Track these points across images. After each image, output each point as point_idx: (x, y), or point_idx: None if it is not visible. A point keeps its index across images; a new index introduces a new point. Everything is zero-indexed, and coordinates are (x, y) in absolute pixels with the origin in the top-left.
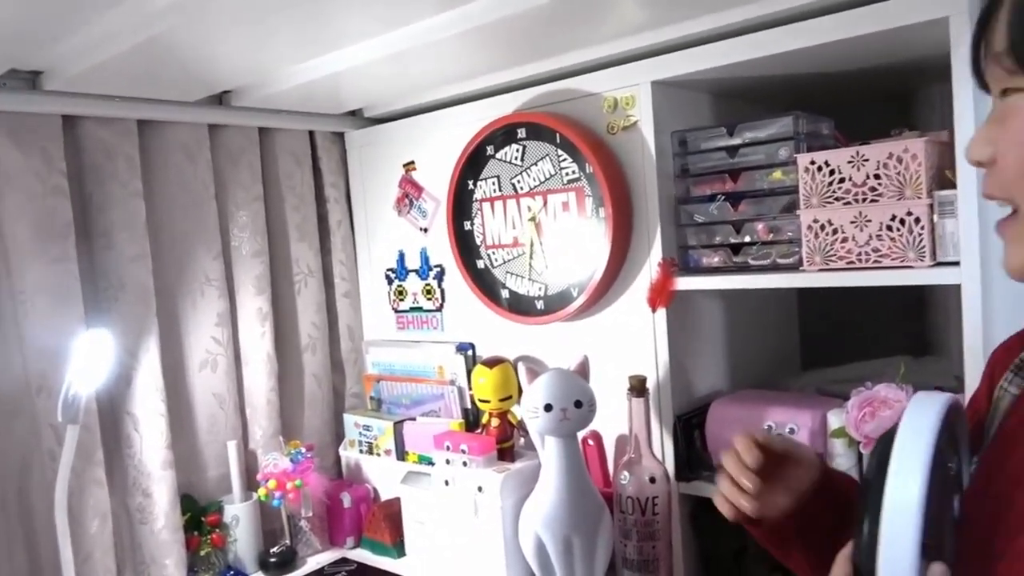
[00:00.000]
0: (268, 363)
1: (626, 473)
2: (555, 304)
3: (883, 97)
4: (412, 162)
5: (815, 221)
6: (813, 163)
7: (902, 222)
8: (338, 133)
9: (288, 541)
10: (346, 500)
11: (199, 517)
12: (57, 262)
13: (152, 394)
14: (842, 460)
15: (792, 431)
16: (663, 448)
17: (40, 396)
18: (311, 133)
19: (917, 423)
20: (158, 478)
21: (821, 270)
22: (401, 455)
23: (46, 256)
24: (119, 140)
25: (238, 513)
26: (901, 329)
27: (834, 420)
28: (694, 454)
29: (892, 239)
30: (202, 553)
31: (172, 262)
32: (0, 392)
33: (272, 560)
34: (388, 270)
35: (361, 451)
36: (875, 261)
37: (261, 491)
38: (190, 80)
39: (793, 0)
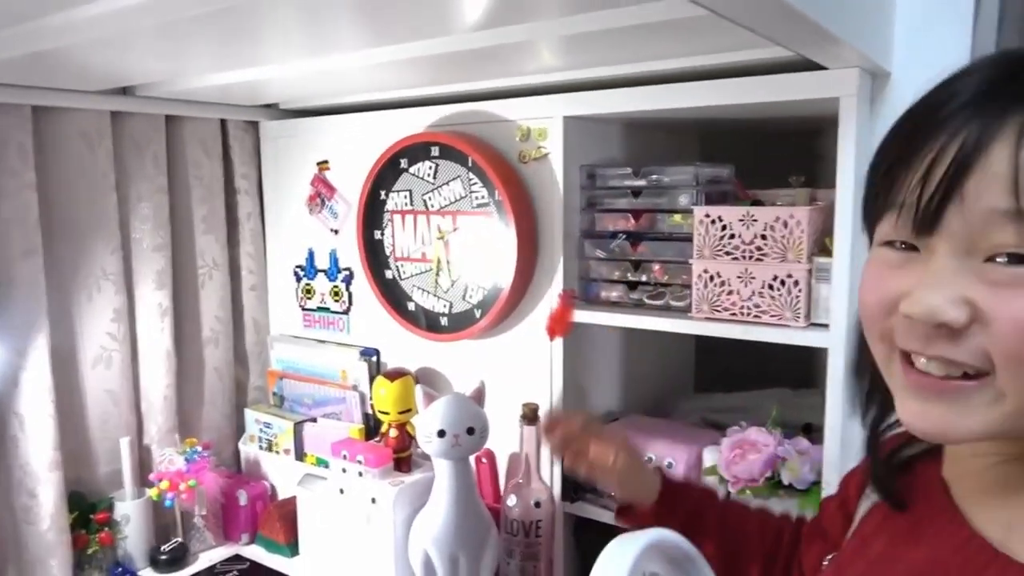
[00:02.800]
0: (166, 359)
1: (514, 496)
2: (459, 323)
3: (789, 137)
4: (326, 161)
5: (705, 271)
6: (708, 216)
7: (782, 283)
8: (252, 122)
9: (181, 538)
10: (242, 498)
11: (88, 515)
12: None
13: (40, 394)
14: None
15: (670, 465)
16: (552, 470)
17: None
18: (222, 121)
19: None
20: (44, 479)
21: (707, 319)
22: (300, 456)
23: None
24: (11, 128)
25: (128, 511)
26: (788, 358)
27: (708, 458)
28: (579, 481)
29: (772, 297)
30: (90, 551)
31: (67, 256)
32: None
33: (163, 557)
34: (297, 267)
35: (261, 447)
36: (756, 316)
37: (153, 491)
38: (92, 77)
39: (697, 60)
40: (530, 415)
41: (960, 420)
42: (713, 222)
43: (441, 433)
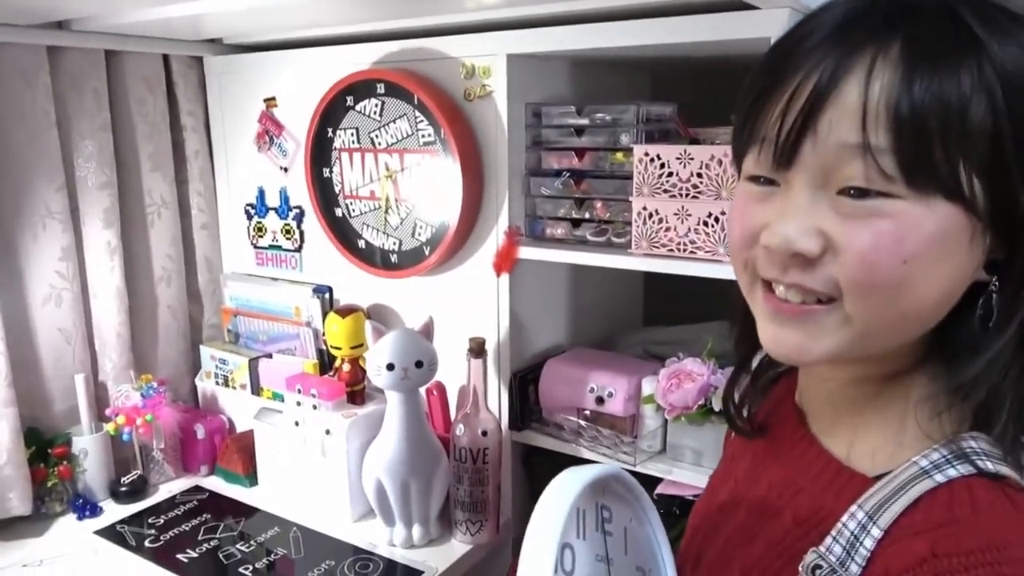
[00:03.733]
0: (118, 297)
1: (462, 426)
2: (408, 260)
3: (735, 75)
4: (273, 98)
5: (644, 208)
6: (647, 155)
7: (716, 220)
8: (196, 58)
9: (140, 470)
10: (200, 431)
11: (45, 449)
12: None
13: None
14: (650, 422)
15: (611, 394)
16: (500, 401)
17: None
18: (166, 57)
19: (542, 523)
20: None
21: (646, 255)
22: (256, 391)
23: None
24: None
25: (87, 446)
26: (727, 293)
27: (647, 387)
28: (528, 407)
29: (707, 234)
30: (49, 484)
31: (9, 195)
32: None
33: (123, 489)
34: (248, 205)
35: (217, 383)
36: (691, 252)
37: (110, 426)
38: (23, 9)
39: None
40: (476, 348)
41: (812, 343)
42: (652, 160)
43: (390, 366)
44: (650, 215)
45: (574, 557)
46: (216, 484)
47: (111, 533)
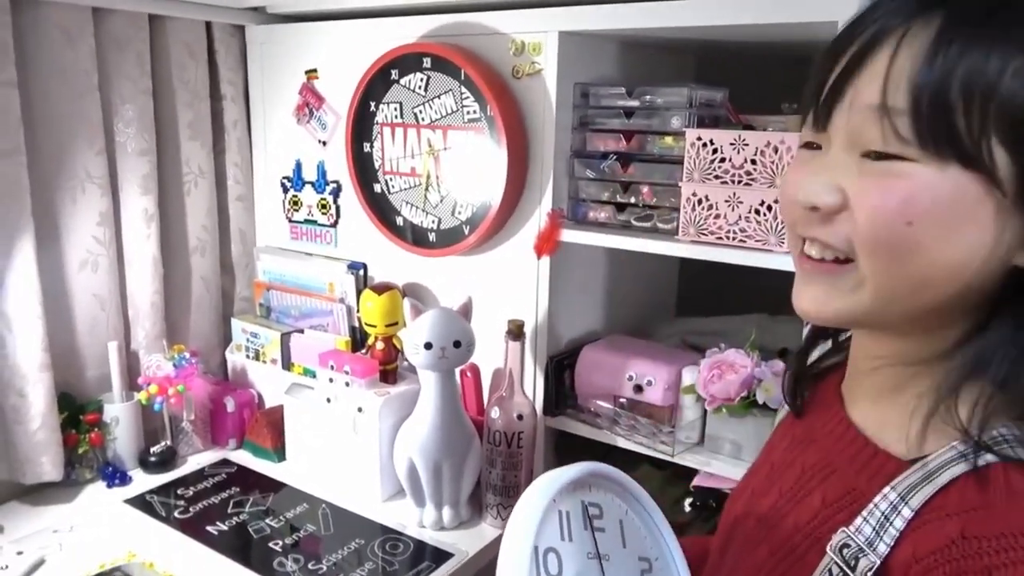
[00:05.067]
0: (153, 265)
1: (497, 409)
2: (447, 239)
3: (789, 64)
4: (315, 70)
5: (694, 194)
6: (699, 139)
7: (769, 208)
8: (238, 26)
9: (169, 441)
10: (230, 404)
11: (77, 415)
12: None
13: (28, 295)
14: (689, 413)
15: (650, 383)
16: (535, 385)
17: None
18: (208, 24)
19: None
20: (34, 380)
21: (693, 242)
22: (287, 366)
23: None
24: None
25: (118, 414)
26: (767, 286)
27: (687, 377)
28: (563, 392)
29: (758, 223)
30: (80, 451)
31: (50, 156)
32: None
33: (152, 459)
34: (284, 178)
35: (248, 357)
36: (741, 240)
37: (142, 395)
38: None
39: None
40: (515, 331)
41: (828, 300)
42: (704, 145)
43: (428, 345)
44: (699, 201)
45: (560, 560)
46: (244, 458)
47: (140, 503)
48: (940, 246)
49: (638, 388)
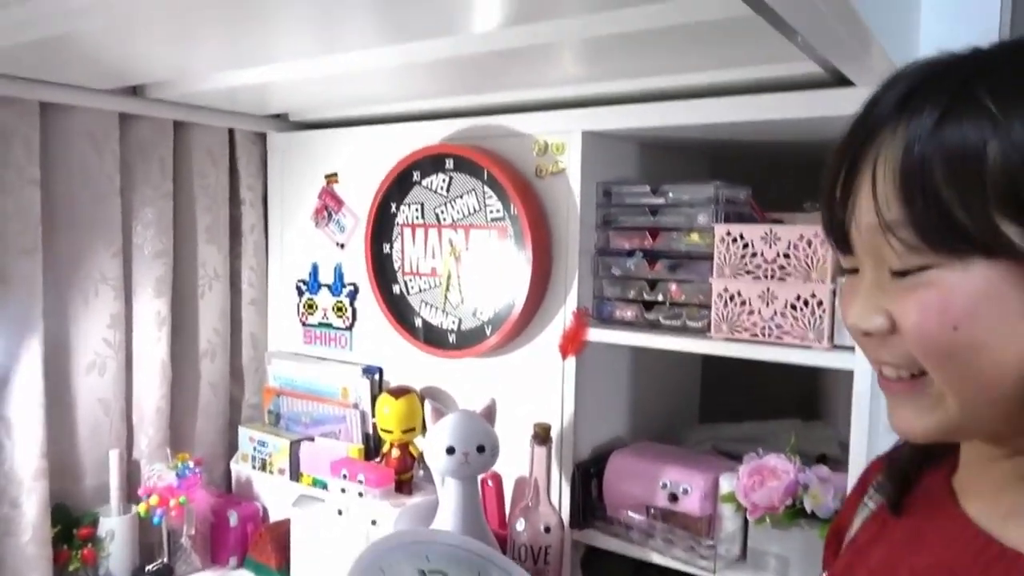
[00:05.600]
0: (161, 369)
1: (523, 520)
2: (468, 339)
3: (803, 164)
4: (335, 174)
5: (725, 290)
6: (729, 234)
7: (805, 303)
8: (260, 134)
9: (166, 558)
10: (232, 518)
11: (71, 529)
12: None
13: (30, 398)
14: (729, 524)
15: (686, 491)
16: (560, 494)
17: None
18: (231, 131)
19: None
20: (28, 488)
21: (727, 339)
22: (295, 476)
23: None
24: (18, 122)
25: (113, 527)
26: (795, 391)
27: (725, 485)
28: (590, 503)
29: (795, 318)
30: (71, 568)
31: (66, 257)
32: None
33: None
34: (300, 281)
35: (254, 467)
36: (777, 337)
37: (142, 507)
38: (101, 72)
39: (717, 75)
40: (542, 435)
41: (916, 419)
42: (735, 240)
43: (451, 450)
44: (731, 297)
45: None
46: None
47: None
48: (997, 340)
49: (673, 497)
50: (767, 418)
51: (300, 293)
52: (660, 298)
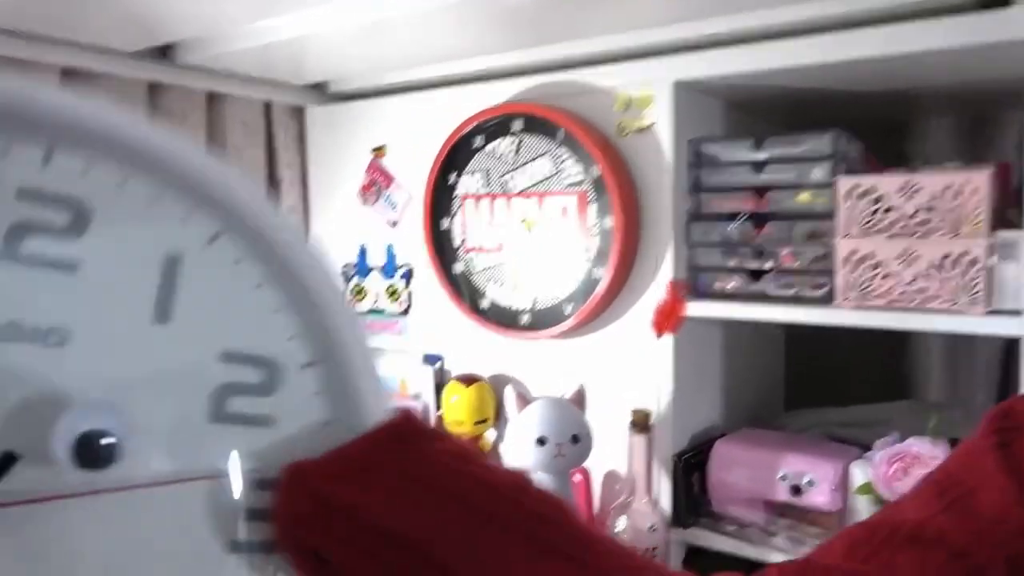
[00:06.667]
0: None
1: (624, 519)
2: (543, 320)
3: (878, 126)
4: (383, 147)
5: (854, 252)
6: (856, 188)
7: (955, 262)
8: (298, 108)
9: None
10: None
11: None
12: None
13: None
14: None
15: (811, 483)
16: (659, 489)
17: None
18: (267, 105)
19: None
20: None
21: (857, 308)
22: None
23: None
24: None
25: None
26: (881, 372)
27: (859, 474)
28: (692, 498)
29: (942, 280)
30: None
31: None
32: None
33: None
34: (346, 266)
35: None
36: (920, 303)
37: None
38: (127, 24)
39: (848, 4)
40: (641, 422)
41: None
42: (863, 194)
43: (542, 441)
44: (861, 260)
45: None
46: None
47: None
48: None
49: (795, 490)
50: (856, 401)
51: (347, 278)
52: (769, 266)
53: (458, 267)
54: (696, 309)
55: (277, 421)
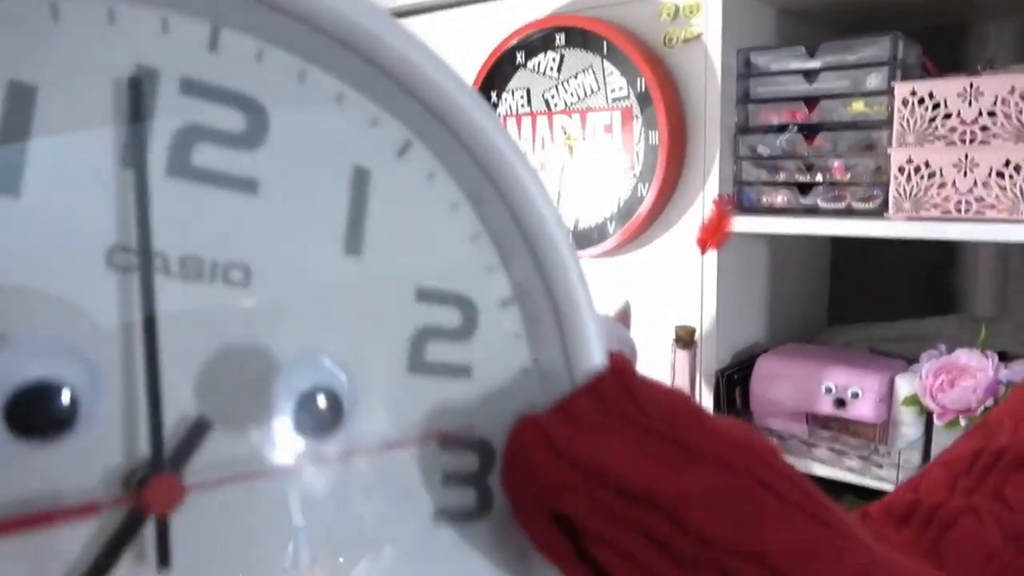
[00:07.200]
0: None
1: None
2: (586, 239)
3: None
4: None
5: (909, 161)
6: (914, 94)
7: (1017, 169)
8: None
9: None
10: None
11: None
12: None
13: None
14: (909, 430)
15: (855, 395)
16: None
17: None
18: None
19: None
20: None
21: (910, 218)
22: None
23: None
24: None
25: None
26: (936, 283)
27: (904, 386)
28: (734, 413)
29: (1002, 188)
30: None
31: None
32: None
33: None
34: None
35: None
36: (977, 212)
37: None
38: None
39: None
40: (685, 338)
41: None
42: (921, 100)
43: None
44: (916, 169)
45: None
46: None
47: None
48: None
49: (839, 402)
50: (903, 317)
51: None
52: (819, 178)
53: None
54: (742, 224)
55: (474, 370)
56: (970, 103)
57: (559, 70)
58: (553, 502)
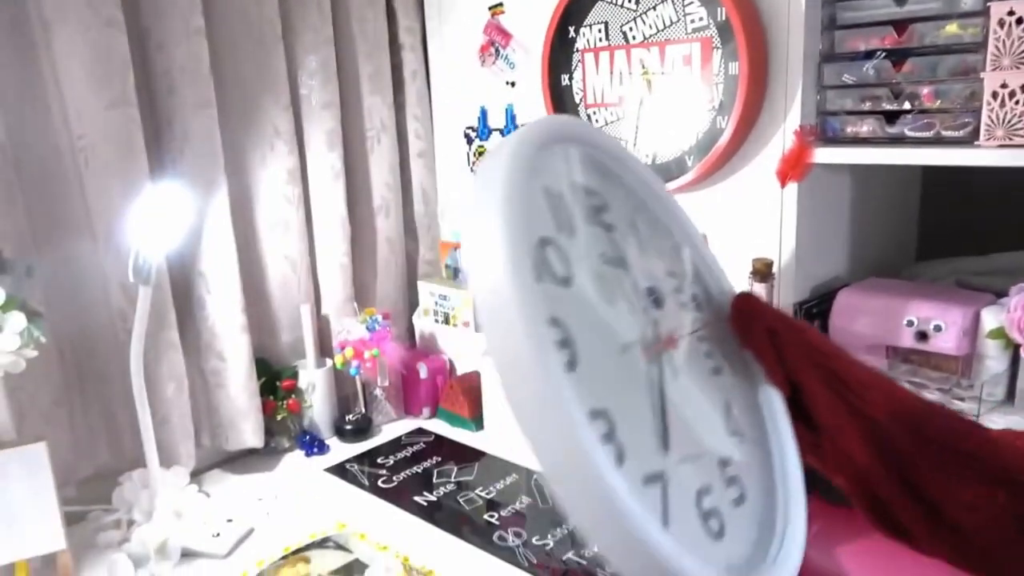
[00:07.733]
0: (341, 226)
1: None
2: (665, 173)
3: None
4: (500, 4)
5: (1003, 86)
6: (1011, 14)
7: None
8: None
9: (363, 409)
10: (422, 371)
11: (274, 382)
12: (115, 106)
13: (224, 254)
14: (994, 363)
15: (938, 328)
16: None
17: (108, 255)
18: None
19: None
20: (233, 343)
21: (1002, 146)
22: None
23: (104, 98)
24: None
25: (314, 379)
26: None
27: (990, 319)
28: None
29: None
30: (278, 418)
31: (238, 112)
32: (64, 250)
33: (348, 428)
34: (468, 128)
35: (436, 320)
36: None
37: (338, 358)
38: None
39: None
40: (763, 271)
41: None
42: (1019, 21)
43: None
44: (1010, 94)
45: (566, 258)
46: (440, 427)
47: (341, 471)
48: None
49: (921, 335)
50: (991, 251)
51: (469, 141)
52: (907, 106)
53: None
54: (825, 155)
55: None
56: None
57: (637, 1)
58: (770, 325)
